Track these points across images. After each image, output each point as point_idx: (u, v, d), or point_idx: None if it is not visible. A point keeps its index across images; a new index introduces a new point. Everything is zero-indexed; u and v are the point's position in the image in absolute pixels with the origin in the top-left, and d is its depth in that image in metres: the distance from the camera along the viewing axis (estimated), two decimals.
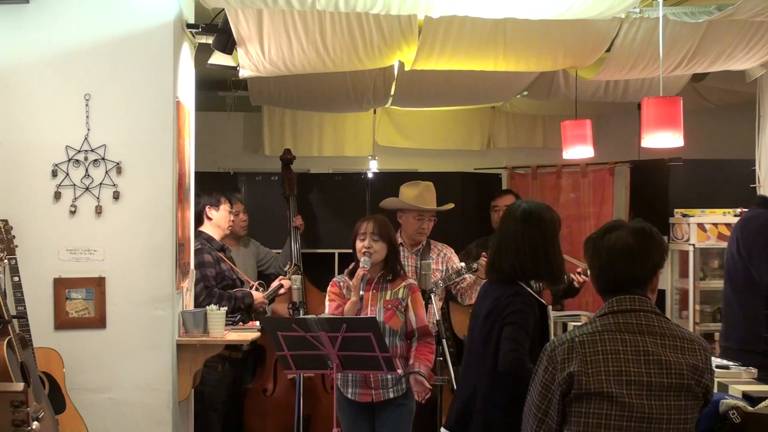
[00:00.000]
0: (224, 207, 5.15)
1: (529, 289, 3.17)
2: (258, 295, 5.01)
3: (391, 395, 3.95)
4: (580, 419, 2.37)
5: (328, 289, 4.10)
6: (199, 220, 5.12)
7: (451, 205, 5.18)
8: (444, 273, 4.89)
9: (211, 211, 5.11)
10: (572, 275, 5.08)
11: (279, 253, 5.95)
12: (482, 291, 3.35)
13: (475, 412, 3.11)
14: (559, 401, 2.41)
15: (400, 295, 4.01)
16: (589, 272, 2.65)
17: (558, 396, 2.40)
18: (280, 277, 5.32)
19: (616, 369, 2.35)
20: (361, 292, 3.92)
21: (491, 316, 3.12)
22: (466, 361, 3.30)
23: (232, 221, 5.30)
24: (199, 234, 5.06)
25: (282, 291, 5.20)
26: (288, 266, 5.56)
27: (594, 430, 2.35)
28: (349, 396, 3.97)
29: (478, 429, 3.09)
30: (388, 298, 4.00)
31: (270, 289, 5.18)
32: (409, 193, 5.01)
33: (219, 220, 5.14)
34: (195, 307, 4.54)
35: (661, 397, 2.32)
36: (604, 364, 2.35)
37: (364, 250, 3.96)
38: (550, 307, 3.31)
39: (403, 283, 4.05)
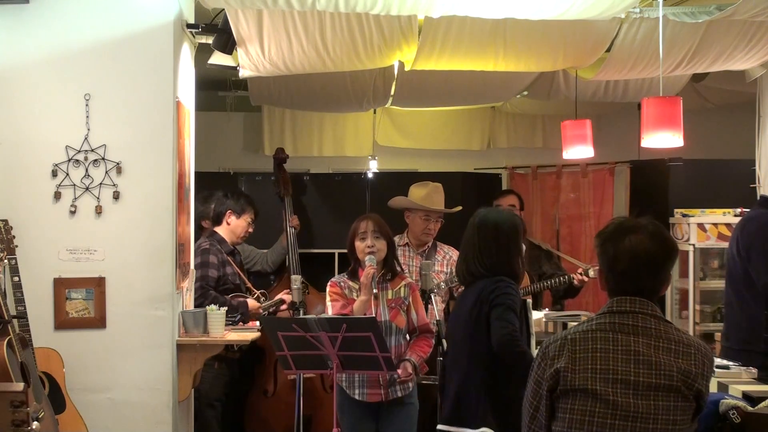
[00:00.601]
0: (245, 217, 5.11)
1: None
2: (253, 303, 4.93)
3: (399, 394, 3.95)
4: (565, 415, 2.39)
5: (328, 289, 4.08)
6: (217, 220, 5.10)
7: (459, 208, 5.16)
8: (448, 275, 4.89)
9: (231, 217, 5.07)
10: (572, 275, 5.08)
11: (266, 252, 5.90)
12: (460, 298, 3.47)
13: (472, 403, 3.14)
14: (547, 397, 2.43)
15: (402, 294, 4.02)
16: (595, 271, 2.66)
17: (546, 391, 2.42)
18: (284, 291, 5.24)
19: (603, 367, 2.35)
20: (375, 290, 3.91)
21: (476, 307, 3.23)
22: (450, 361, 3.34)
23: (248, 232, 5.22)
24: (212, 234, 5.04)
25: (283, 307, 5.09)
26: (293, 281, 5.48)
27: (578, 426, 2.36)
28: (356, 397, 3.95)
29: (484, 419, 3.11)
30: (390, 297, 4.00)
31: (271, 301, 5.12)
32: (417, 193, 5.01)
33: (236, 227, 5.10)
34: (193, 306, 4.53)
35: (649, 397, 2.32)
36: (592, 361, 2.36)
37: (367, 249, 3.95)
38: (529, 302, 3.47)
39: (403, 282, 4.06)
